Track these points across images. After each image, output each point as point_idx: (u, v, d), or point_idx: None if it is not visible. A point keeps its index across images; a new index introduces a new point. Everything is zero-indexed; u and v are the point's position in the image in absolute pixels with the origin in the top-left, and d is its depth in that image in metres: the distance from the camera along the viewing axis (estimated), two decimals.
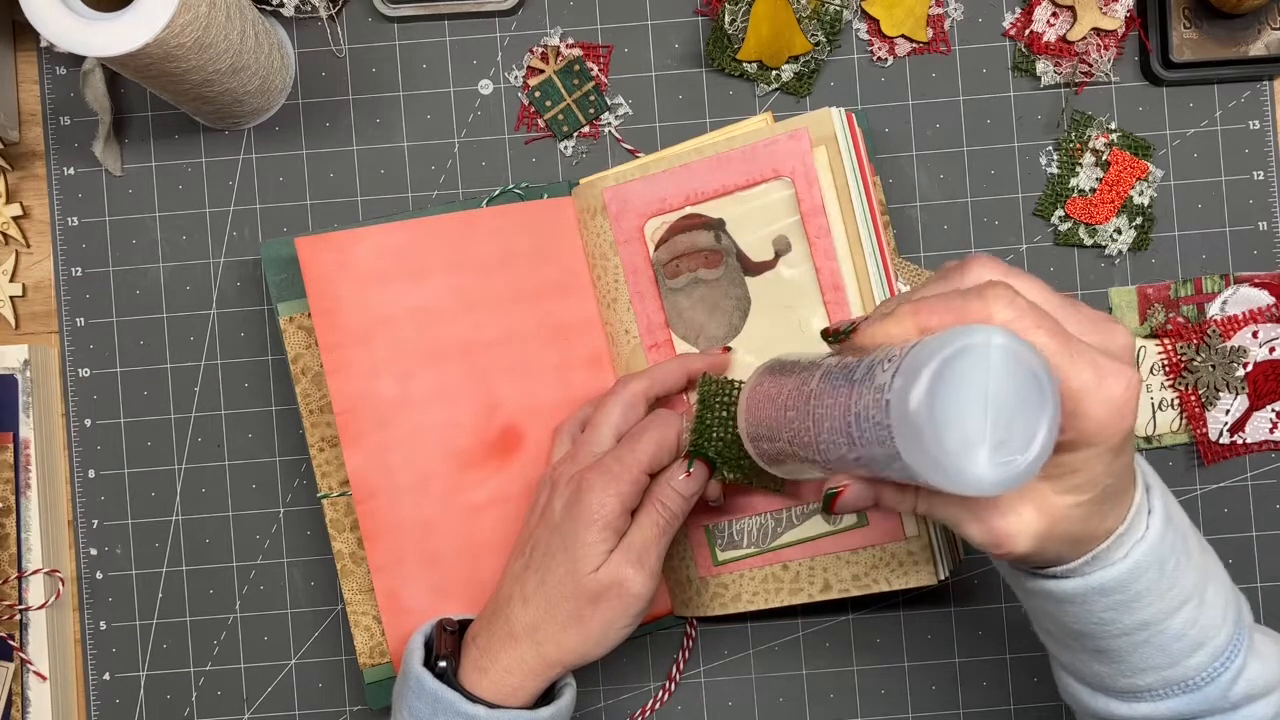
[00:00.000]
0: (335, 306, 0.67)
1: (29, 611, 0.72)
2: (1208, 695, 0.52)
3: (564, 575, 0.61)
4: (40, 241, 0.74)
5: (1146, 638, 0.51)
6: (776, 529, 0.68)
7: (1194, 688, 0.52)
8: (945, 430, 0.41)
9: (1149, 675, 0.52)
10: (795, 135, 0.66)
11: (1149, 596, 0.50)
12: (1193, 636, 0.52)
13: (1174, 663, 0.52)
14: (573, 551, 0.61)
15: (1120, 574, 0.49)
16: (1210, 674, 0.52)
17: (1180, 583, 0.51)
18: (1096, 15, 0.71)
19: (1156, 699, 0.53)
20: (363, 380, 0.67)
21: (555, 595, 0.61)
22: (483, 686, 0.60)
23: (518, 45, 0.73)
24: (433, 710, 0.60)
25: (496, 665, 0.61)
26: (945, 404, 0.41)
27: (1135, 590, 0.50)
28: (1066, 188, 0.72)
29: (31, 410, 0.72)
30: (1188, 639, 0.52)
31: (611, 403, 0.65)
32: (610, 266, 0.70)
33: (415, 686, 0.60)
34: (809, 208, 0.66)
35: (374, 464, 0.67)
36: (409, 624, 0.68)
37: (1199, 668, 0.52)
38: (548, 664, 0.61)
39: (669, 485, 0.62)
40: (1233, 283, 0.72)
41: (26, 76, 0.74)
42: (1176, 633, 0.51)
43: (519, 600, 0.62)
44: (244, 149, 0.74)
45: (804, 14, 0.71)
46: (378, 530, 0.68)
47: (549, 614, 0.61)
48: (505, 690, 0.60)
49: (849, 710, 0.73)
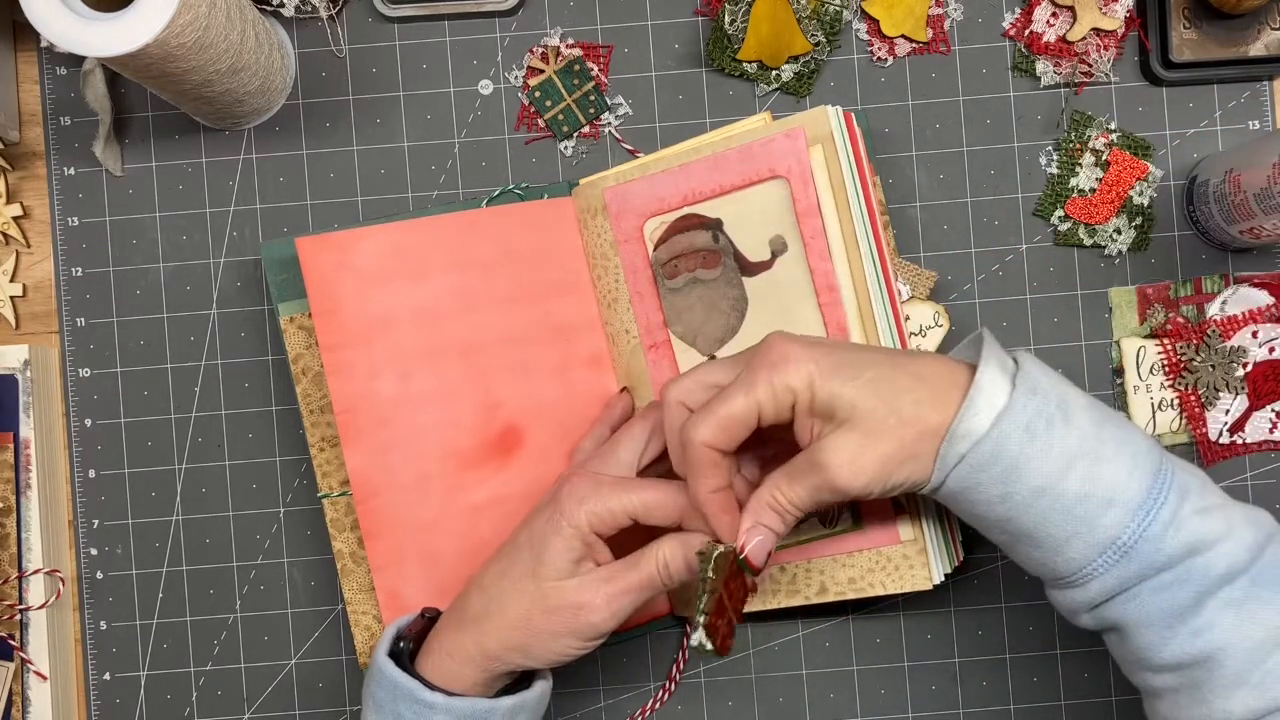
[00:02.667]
0: (335, 307, 0.67)
1: (29, 611, 0.72)
2: (1142, 554, 0.54)
3: (523, 573, 0.60)
4: (40, 241, 0.74)
5: (1049, 504, 0.54)
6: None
7: (1124, 549, 0.54)
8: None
9: (1076, 545, 0.54)
10: (791, 134, 0.66)
11: (1028, 462, 0.53)
12: (1098, 495, 0.54)
13: (1089, 526, 0.54)
14: (537, 551, 0.60)
15: (985, 447, 0.53)
16: (1135, 531, 0.53)
17: (1059, 444, 0.53)
18: (1096, 15, 0.71)
19: (1098, 573, 0.55)
20: (363, 380, 0.67)
21: (510, 591, 0.60)
22: (426, 667, 0.61)
23: (518, 45, 0.74)
24: (392, 697, 0.60)
25: (441, 648, 0.61)
26: None
27: (1008, 458, 0.53)
28: (1066, 188, 0.72)
29: (32, 410, 0.72)
30: (1093, 498, 0.54)
31: (636, 431, 0.64)
32: (610, 266, 0.70)
33: (376, 674, 0.61)
34: (804, 208, 0.66)
35: (374, 464, 0.67)
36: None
37: (1119, 525, 0.54)
38: (486, 655, 0.60)
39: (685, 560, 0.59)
40: (1232, 283, 0.72)
41: (27, 76, 0.75)
42: (1076, 493, 0.54)
43: (476, 588, 0.62)
44: (244, 149, 0.74)
45: (804, 14, 0.71)
46: (378, 530, 0.68)
47: (500, 607, 0.60)
48: (445, 674, 0.60)
49: (849, 710, 0.73)
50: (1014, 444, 0.53)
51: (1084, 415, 0.55)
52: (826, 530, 0.67)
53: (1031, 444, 0.53)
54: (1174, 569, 0.54)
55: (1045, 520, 0.54)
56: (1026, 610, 0.73)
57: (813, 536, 0.67)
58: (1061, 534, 0.54)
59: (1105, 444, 0.54)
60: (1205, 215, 0.71)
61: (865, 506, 0.66)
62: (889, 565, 0.66)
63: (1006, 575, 0.73)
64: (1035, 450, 0.53)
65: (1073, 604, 0.57)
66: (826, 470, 0.55)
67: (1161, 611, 0.54)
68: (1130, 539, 0.54)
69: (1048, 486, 0.54)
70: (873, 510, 0.66)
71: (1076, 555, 0.55)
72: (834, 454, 0.55)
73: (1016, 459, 0.53)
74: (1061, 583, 0.57)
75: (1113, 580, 0.55)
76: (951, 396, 0.55)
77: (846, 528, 0.67)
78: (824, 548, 0.67)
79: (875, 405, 0.55)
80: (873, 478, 0.55)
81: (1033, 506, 0.54)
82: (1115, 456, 0.54)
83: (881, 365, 0.56)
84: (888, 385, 0.55)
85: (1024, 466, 0.54)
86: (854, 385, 0.55)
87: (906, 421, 0.54)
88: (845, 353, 0.57)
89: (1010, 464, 0.54)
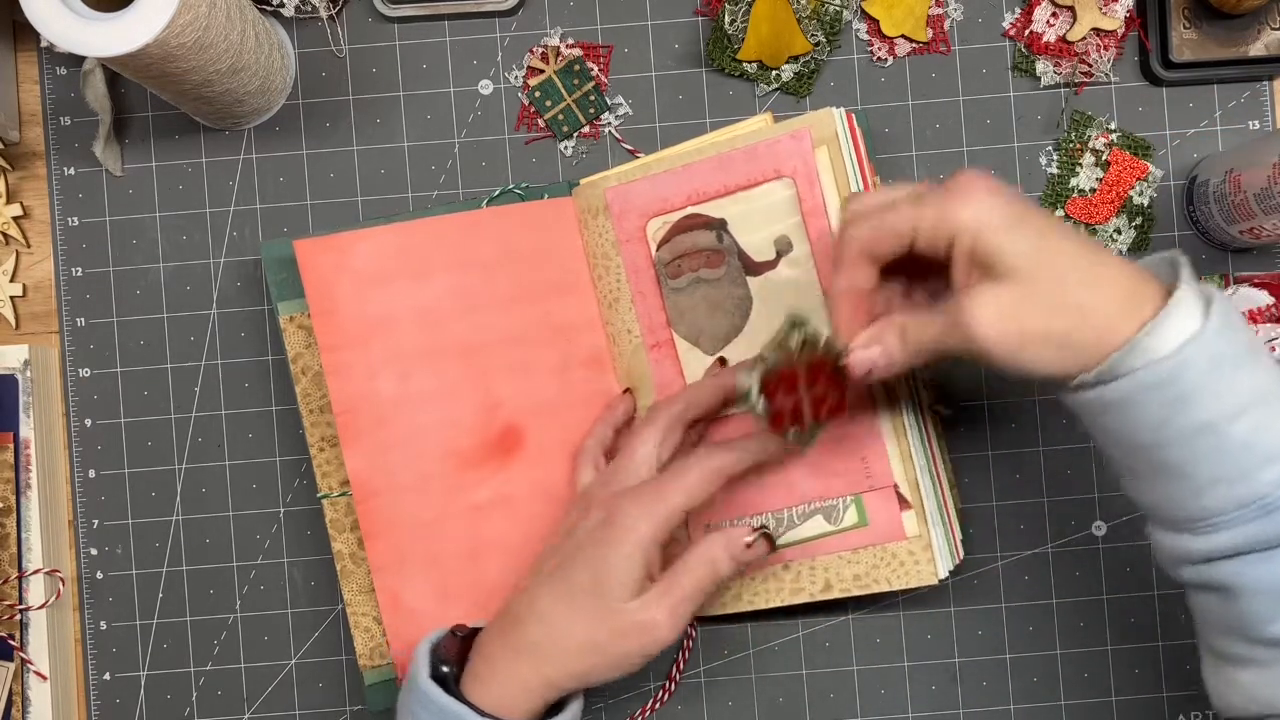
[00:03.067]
0: (334, 308, 0.67)
1: (29, 611, 0.72)
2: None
3: (588, 600, 0.59)
4: (40, 241, 0.74)
5: (1209, 444, 0.51)
6: (778, 529, 0.68)
7: (1269, 509, 0.51)
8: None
9: (1218, 491, 0.51)
10: (797, 135, 0.66)
11: (1201, 395, 0.50)
12: (1262, 448, 0.51)
13: (1243, 475, 0.51)
14: (600, 576, 0.59)
15: (1165, 367, 0.50)
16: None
17: (1239, 386, 0.51)
18: (1096, 15, 0.71)
19: (1231, 525, 0.52)
20: (362, 381, 0.67)
21: (574, 618, 0.59)
22: (475, 694, 0.60)
23: (518, 45, 0.74)
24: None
25: (495, 677, 0.60)
26: None
27: (1185, 385, 0.50)
28: (1066, 188, 0.72)
29: (32, 410, 0.72)
30: (1256, 450, 0.51)
31: (648, 432, 0.65)
32: (612, 266, 0.70)
33: (422, 699, 0.59)
34: (811, 208, 0.66)
35: (374, 464, 0.67)
36: (410, 625, 0.68)
37: (1273, 483, 0.51)
38: (547, 684, 0.60)
39: (726, 550, 0.61)
40: (1232, 283, 0.72)
41: (27, 76, 0.75)
42: (1241, 440, 0.51)
43: (533, 618, 0.60)
44: (244, 149, 0.74)
45: (804, 14, 0.71)
46: (378, 530, 0.68)
47: (563, 634, 0.59)
48: (500, 703, 0.59)
49: (849, 710, 0.73)
50: (1195, 372, 0.50)
51: (1269, 365, 0.52)
52: (831, 527, 0.67)
53: (1214, 377, 0.50)
54: None
55: (1197, 458, 0.51)
56: (1026, 610, 0.73)
57: (818, 534, 0.68)
58: (1209, 476, 0.51)
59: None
60: (1205, 215, 0.71)
61: (870, 502, 0.67)
62: (894, 561, 0.67)
63: (1006, 575, 0.73)
64: (1215, 385, 0.50)
65: (1183, 551, 0.54)
66: (966, 315, 0.53)
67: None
68: (1279, 500, 0.51)
69: (1214, 424, 0.51)
70: (878, 505, 0.66)
71: (1213, 502, 0.52)
72: (982, 303, 0.53)
73: (1193, 388, 0.50)
74: (1182, 525, 0.54)
75: (1243, 536, 0.52)
76: (1137, 306, 0.52)
77: (852, 524, 0.67)
78: (829, 545, 0.67)
79: (1043, 276, 0.52)
80: (1009, 343, 0.52)
81: (1191, 442, 0.51)
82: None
83: (1066, 242, 0.53)
84: (1066, 263, 0.52)
85: (1196, 398, 0.50)
86: (1026, 245, 0.52)
87: (1070, 307, 0.52)
88: (1035, 216, 0.54)
89: (1184, 392, 0.50)
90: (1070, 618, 0.73)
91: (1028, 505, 0.73)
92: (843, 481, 0.67)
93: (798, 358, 0.60)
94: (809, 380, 0.60)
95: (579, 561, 0.60)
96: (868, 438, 0.66)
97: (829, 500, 0.67)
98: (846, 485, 0.67)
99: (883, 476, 0.66)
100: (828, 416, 0.61)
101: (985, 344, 0.53)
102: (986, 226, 0.53)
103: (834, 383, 0.60)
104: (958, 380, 0.73)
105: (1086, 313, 0.52)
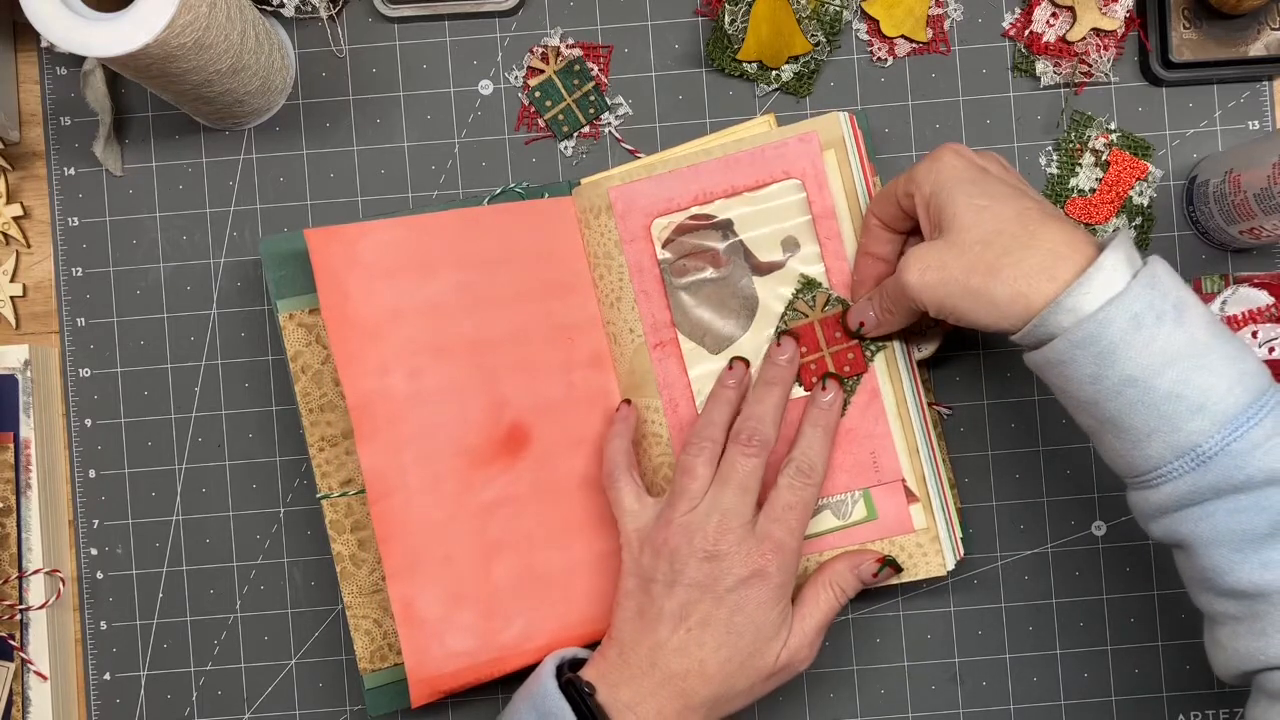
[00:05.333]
0: (344, 300, 0.66)
1: (29, 611, 0.72)
2: (1220, 467, 0.53)
3: (750, 660, 0.62)
4: (41, 241, 0.74)
5: (1137, 395, 0.54)
6: None
7: (1203, 458, 0.53)
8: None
9: (1155, 443, 0.54)
10: (806, 138, 0.67)
11: (1126, 350, 0.53)
12: (1189, 398, 0.53)
13: (1174, 427, 0.53)
14: (761, 637, 0.62)
15: (1089, 326, 0.53)
16: (1219, 442, 0.53)
17: (1162, 340, 0.53)
18: (1096, 15, 0.71)
19: (1173, 477, 0.54)
20: (374, 376, 0.66)
21: (741, 675, 0.62)
22: None
23: (518, 45, 0.74)
24: None
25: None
26: None
27: (1108, 341, 0.53)
28: (1066, 188, 0.72)
29: (32, 410, 0.72)
30: (1184, 400, 0.53)
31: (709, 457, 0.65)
32: (614, 265, 0.70)
33: None
34: (820, 210, 0.67)
35: (388, 463, 0.66)
36: (424, 635, 0.66)
37: (1203, 433, 0.53)
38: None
39: (854, 574, 0.66)
40: (1232, 283, 0.72)
41: (27, 77, 0.75)
42: (1167, 391, 0.53)
43: (698, 677, 0.61)
44: (244, 149, 0.74)
45: (804, 14, 0.71)
46: (392, 532, 0.66)
47: (730, 688, 0.62)
48: None
49: (849, 710, 0.73)
50: (1116, 329, 0.53)
51: (1199, 323, 0.54)
52: (840, 522, 0.68)
53: (1135, 334, 0.53)
54: (1251, 493, 0.53)
55: (1130, 410, 0.54)
56: (1026, 610, 0.73)
57: (827, 529, 0.68)
58: (1145, 428, 0.54)
59: (1212, 354, 0.53)
60: (1205, 215, 0.71)
61: (878, 496, 0.68)
62: (902, 554, 0.68)
63: (1006, 575, 0.73)
64: (1137, 340, 0.53)
65: (1146, 506, 0.56)
66: (901, 265, 0.59)
67: (1232, 534, 0.53)
68: (1211, 449, 0.53)
69: (1139, 378, 0.53)
70: (886, 499, 0.67)
71: (1154, 453, 0.54)
72: (914, 255, 0.58)
73: (1115, 344, 0.53)
74: (1137, 481, 0.56)
75: (1185, 486, 0.54)
76: (1065, 268, 0.55)
77: (860, 519, 0.68)
78: (838, 540, 0.68)
79: (973, 233, 0.56)
80: (935, 293, 0.57)
81: (1121, 394, 0.54)
82: (1219, 367, 0.53)
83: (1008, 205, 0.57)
84: (999, 224, 0.56)
85: (1120, 353, 0.53)
86: (964, 201, 0.57)
87: (989, 264, 0.55)
88: (989, 180, 0.58)
89: (1108, 347, 0.53)
90: (1070, 618, 0.73)
91: (1028, 505, 0.73)
92: (851, 476, 0.68)
93: (813, 315, 0.67)
94: (828, 338, 0.67)
95: (741, 622, 0.62)
96: (876, 433, 0.67)
97: (838, 495, 0.68)
98: (855, 480, 0.68)
99: (891, 471, 0.67)
100: (851, 373, 0.67)
101: (912, 292, 0.58)
102: (940, 184, 0.58)
103: (849, 341, 0.67)
104: (958, 380, 0.73)
105: (1001, 270, 0.55)
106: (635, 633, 0.63)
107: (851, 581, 0.65)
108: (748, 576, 0.62)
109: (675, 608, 0.62)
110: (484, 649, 0.67)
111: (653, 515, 0.64)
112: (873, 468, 0.68)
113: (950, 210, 0.57)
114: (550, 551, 0.69)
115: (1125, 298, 0.53)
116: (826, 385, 0.66)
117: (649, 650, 0.62)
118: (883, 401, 0.67)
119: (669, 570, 0.62)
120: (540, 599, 0.69)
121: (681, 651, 0.62)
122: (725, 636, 0.62)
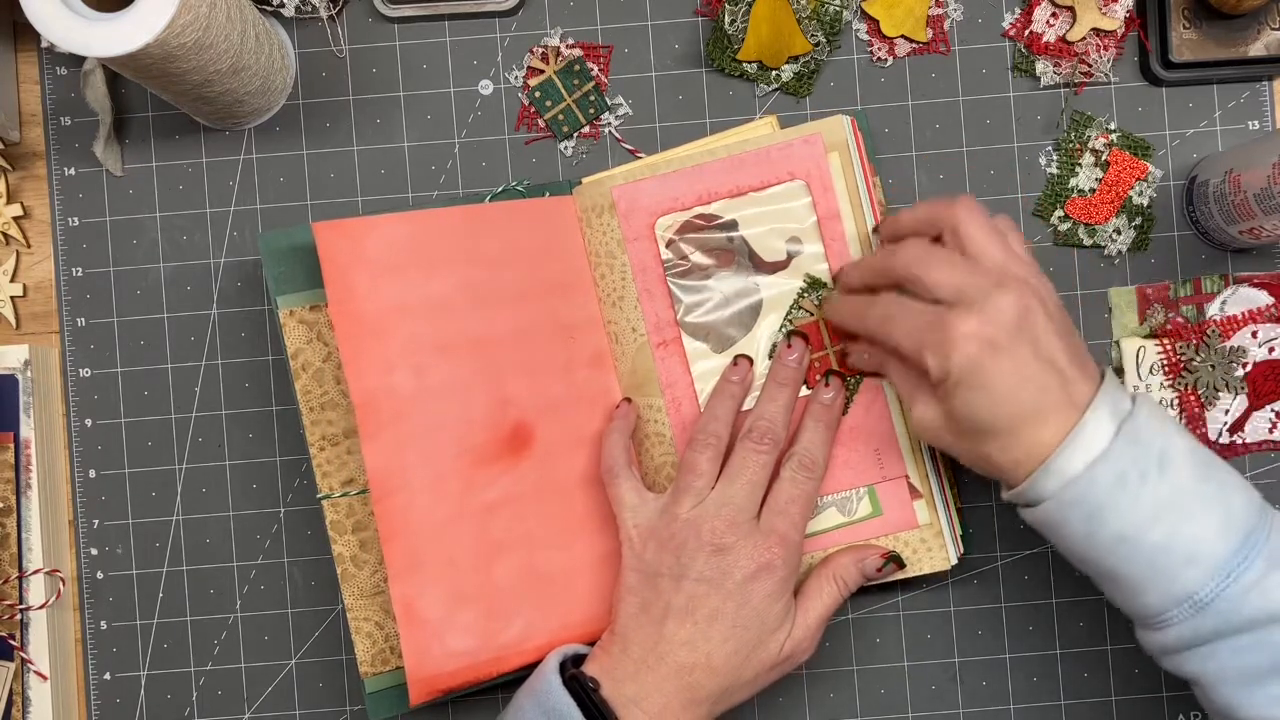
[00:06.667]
0: (350, 295, 0.66)
1: (29, 611, 0.72)
2: (1218, 612, 0.54)
3: (755, 649, 0.63)
4: (41, 241, 0.74)
5: (1129, 551, 0.55)
6: None
7: (1200, 605, 0.54)
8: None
9: (1153, 593, 0.55)
10: (810, 140, 0.67)
11: (1113, 508, 0.55)
12: (1180, 550, 0.54)
13: (1171, 578, 0.55)
14: (765, 629, 0.63)
15: (1075, 488, 0.55)
16: (1214, 590, 0.54)
17: (1148, 495, 0.54)
18: (1096, 16, 0.71)
19: (1174, 622, 0.55)
20: (380, 373, 0.66)
21: (746, 667, 0.63)
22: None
23: (518, 45, 0.74)
24: None
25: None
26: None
27: (1096, 500, 0.55)
28: (1066, 188, 0.72)
29: (32, 410, 0.72)
30: (1174, 553, 0.54)
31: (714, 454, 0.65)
32: (617, 264, 0.70)
33: None
34: (825, 211, 0.68)
35: (393, 461, 0.66)
36: (425, 635, 0.66)
37: (1197, 582, 0.54)
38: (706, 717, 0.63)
39: (858, 568, 0.66)
40: (1232, 283, 0.72)
41: (27, 77, 0.75)
42: (1158, 545, 0.54)
43: (705, 670, 0.62)
44: (244, 149, 0.74)
45: (804, 14, 0.71)
46: (394, 532, 0.66)
47: (736, 680, 0.63)
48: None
49: (849, 710, 0.73)
50: (1101, 489, 0.55)
51: (1184, 468, 0.55)
52: (845, 519, 0.68)
53: (1121, 493, 0.55)
54: (1253, 633, 0.54)
55: (1126, 564, 0.56)
56: (1026, 610, 0.73)
57: (832, 526, 0.68)
58: (1141, 580, 0.56)
59: (1198, 500, 0.55)
60: (1205, 215, 0.71)
61: (883, 492, 0.68)
62: (907, 549, 0.68)
63: (1006, 575, 0.73)
64: (1123, 499, 0.55)
65: (1154, 645, 0.58)
66: (912, 418, 0.62)
67: (1238, 673, 0.55)
68: (1207, 596, 0.54)
69: (1130, 535, 0.55)
70: (890, 495, 0.68)
71: (1153, 602, 0.56)
72: (919, 414, 0.61)
73: (1103, 503, 0.55)
74: (1142, 622, 0.58)
75: (1188, 631, 0.55)
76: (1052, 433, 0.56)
77: (865, 515, 0.68)
78: (843, 536, 0.68)
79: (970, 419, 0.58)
80: (948, 450, 0.61)
81: (1115, 550, 0.55)
82: (1205, 514, 0.55)
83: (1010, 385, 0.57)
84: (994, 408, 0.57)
85: (1108, 512, 0.55)
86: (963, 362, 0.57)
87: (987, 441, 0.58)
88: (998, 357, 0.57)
89: (1096, 507, 0.55)
90: (1070, 618, 0.73)
91: None
92: (856, 473, 0.68)
93: (818, 314, 0.68)
94: (833, 337, 0.68)
95: (747, 615, 0.62)
96: (879, 430, 0.68)
97: (843, 492, 0.68)
98: (860, 477, 0.68)
99: (895, 467, 0.68)
100: (854, 371, 0.68)
101: (914, 431, 0.63)
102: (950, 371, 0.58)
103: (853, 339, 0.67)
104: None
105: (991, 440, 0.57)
106: (640, 627, 0.63)
107: (855, 575, 0.66)
108: (755, 570, 0.62)
109: (683, 601, 0.62)
110: (484, 648, 0.67)
111: (654, 511, 0.65)
112: (877, 464, 0.68)
113: (955, 403, 0.58)
114: (552, 551, 0.69)
115: (1109, 457, 0.55)
116: (829, 382, 0.67)
117: (654, 644, 0.62)
118: (886, 399, 0.68)
119: (675, 564, 0.63)
120: (541, 599, 0.68)
121: (689, 645, 0.62)
122: (732, 630, 0.62)
